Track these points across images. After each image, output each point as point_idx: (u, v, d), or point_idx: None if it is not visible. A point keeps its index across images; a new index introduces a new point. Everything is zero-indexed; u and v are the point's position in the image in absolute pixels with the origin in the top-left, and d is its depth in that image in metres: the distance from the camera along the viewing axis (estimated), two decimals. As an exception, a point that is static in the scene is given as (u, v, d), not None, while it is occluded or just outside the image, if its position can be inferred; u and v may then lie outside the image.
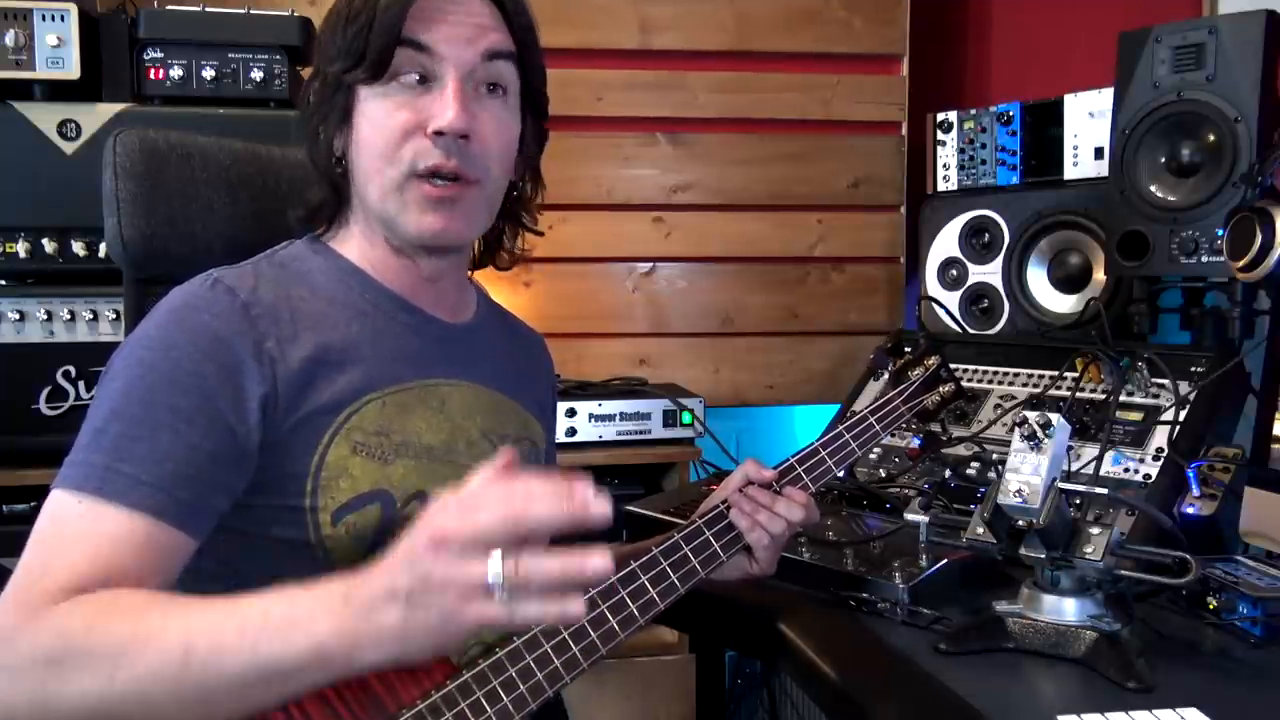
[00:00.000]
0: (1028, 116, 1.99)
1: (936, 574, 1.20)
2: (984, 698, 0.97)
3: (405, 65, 0.97)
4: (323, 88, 1.01)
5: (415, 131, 0.97)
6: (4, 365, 1.74)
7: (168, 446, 0.87)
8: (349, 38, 0.97)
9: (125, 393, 0.89)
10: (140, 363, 0.90)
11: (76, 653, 0.75)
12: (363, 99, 0.99)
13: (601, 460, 2.05)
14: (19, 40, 1.72)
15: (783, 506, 1.10)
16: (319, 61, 1.02)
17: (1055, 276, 1.91)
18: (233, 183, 1.17)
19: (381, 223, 1.02)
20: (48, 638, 0.77)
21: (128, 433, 0.87)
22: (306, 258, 1.04)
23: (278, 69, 1.84)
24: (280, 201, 1.17)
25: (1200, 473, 1.31)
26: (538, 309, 2.37)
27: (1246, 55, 1.47)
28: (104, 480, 0.85)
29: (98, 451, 0.86)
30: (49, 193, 1.74)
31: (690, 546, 1.06)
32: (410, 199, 0.99)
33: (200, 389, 0.89)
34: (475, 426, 1.06)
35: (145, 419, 0.87)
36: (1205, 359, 1.44)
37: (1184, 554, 1.02)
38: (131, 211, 1.11)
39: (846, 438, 1.18)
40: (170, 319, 0.92)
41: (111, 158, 1.12)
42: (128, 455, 0.86)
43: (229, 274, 0.97)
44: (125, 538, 0.84)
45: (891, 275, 2.53)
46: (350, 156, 1.02)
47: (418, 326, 1.05)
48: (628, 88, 2.38)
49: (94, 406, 0.89)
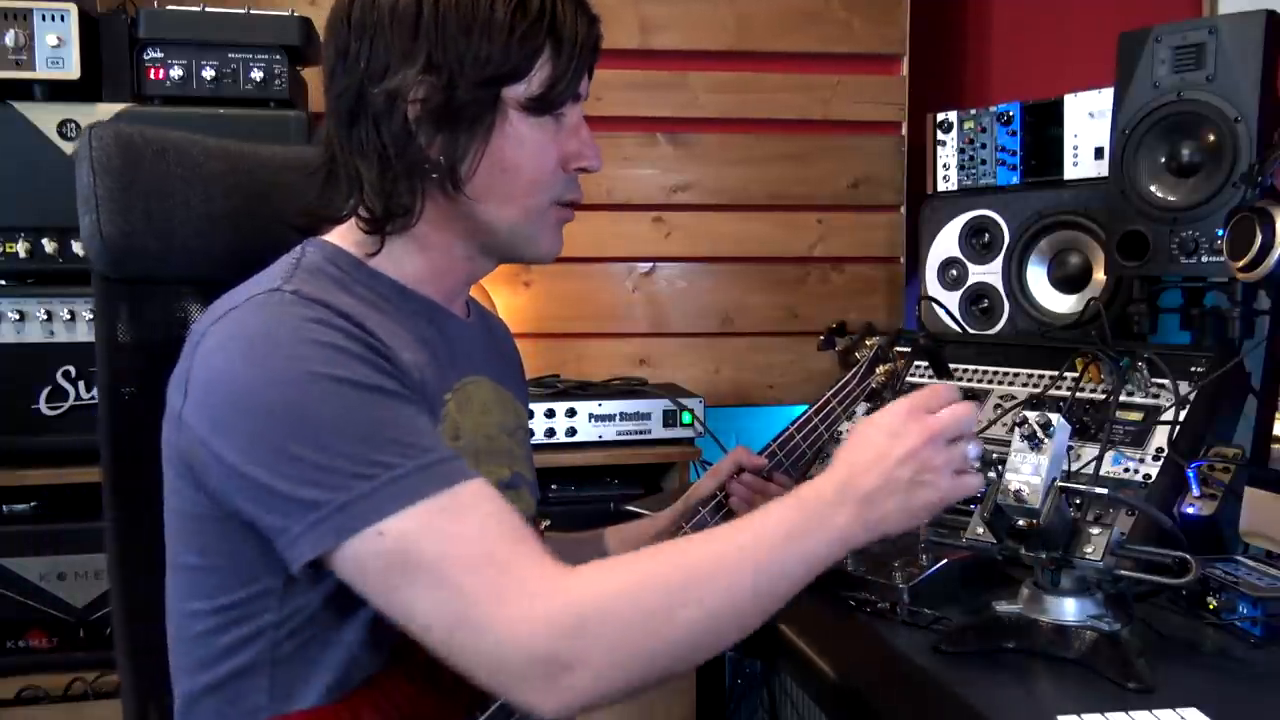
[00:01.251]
0: (1028, 116, 1.99)
1: (936, 574, 1.20)
2: (984, 698, 0.97)
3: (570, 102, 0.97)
4: (452, 94, 0.90)
5: (560, 164, 0.98)
6: (4, 365, 1.74)
7: (423, 423, 0.85)
8: (522, 56, 0.91)
9: (346, 407, 0.82)
10: (315, 377, 0.82)
11: (673, 594, 0.82)
12: (514, 121, 0.94)
13: (601, 460, 2.05)
14: (19, 40, 1.72)
15: (774, 493, 1.19)
16: (444, 61, 0.90)
17: (1055, 276, 1.91)
18: (207, 179, 1.12)
19: (503, 241, 0.99)
20: (636, 592, 0.81)
21: (389, 433, 0.82)
22: (332, 265, 0.96)
23: (278, 69, 1.84)
24: (254, 200, 1.14)
25: (1200, 473, 1.31)
26: (538, 309, 2.37)
27: (1246, 55, 1.47)
28: (436, 473, 0.81)
29: (397, 457, 0.81)
30: (49, 193, 1.74)
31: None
32: (548, 224, 1.00)
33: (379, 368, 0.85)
34: (494, 422, 1.06)
35: (385, 414, 0.83)
36: (1205, 359, 1.44)
37: (1184, 554, 1.02)
38: (110, 208, 1.05)
39: (815, 420, 1.30)
40: (296, 335, 0.84)
41: (88, 152, 1.05)
42: (418, 446, 0.82)
43: (300, 287, 0.88)
44: (496, 496, 0.84)
45: (891, 275, 2.53)
46: (470, 172, 0.93)
47: (447, 326, 1.03)
48: (628, 88, 2.38)
49: (312, 439, 0.80)
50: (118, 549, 1.06)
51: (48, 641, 1.76)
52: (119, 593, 1.06)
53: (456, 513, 0.81)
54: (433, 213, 0.96)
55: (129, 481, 1.05)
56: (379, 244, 0.96)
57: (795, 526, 0.87)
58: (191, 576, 0.91)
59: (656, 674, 0.82)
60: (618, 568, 0.85)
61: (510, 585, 0.79)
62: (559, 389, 2.16)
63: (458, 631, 0.79)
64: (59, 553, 1.74)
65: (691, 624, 0.82)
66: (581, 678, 0.78)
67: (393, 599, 0.81)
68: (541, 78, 0.93)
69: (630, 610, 0.80)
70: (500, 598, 0.78)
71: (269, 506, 0.81)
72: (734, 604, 0.84)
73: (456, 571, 0.79)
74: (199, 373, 0.85)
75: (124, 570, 1.06)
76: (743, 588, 0.84)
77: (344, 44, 0.93)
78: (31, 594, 1.74)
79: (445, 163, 0.93)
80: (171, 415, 0.89)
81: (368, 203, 0.94)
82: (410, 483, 0.80)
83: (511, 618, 0.78)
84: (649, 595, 0.81)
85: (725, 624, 0.84)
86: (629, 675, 0.80)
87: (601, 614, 0.79)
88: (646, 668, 0.81)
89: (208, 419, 0.84)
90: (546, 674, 0.78)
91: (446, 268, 1.01)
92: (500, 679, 0.79)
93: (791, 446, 1.27)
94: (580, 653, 0.78)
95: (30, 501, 1.81)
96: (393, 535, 0.79)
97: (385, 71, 0.91)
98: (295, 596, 0.87)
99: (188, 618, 0.91)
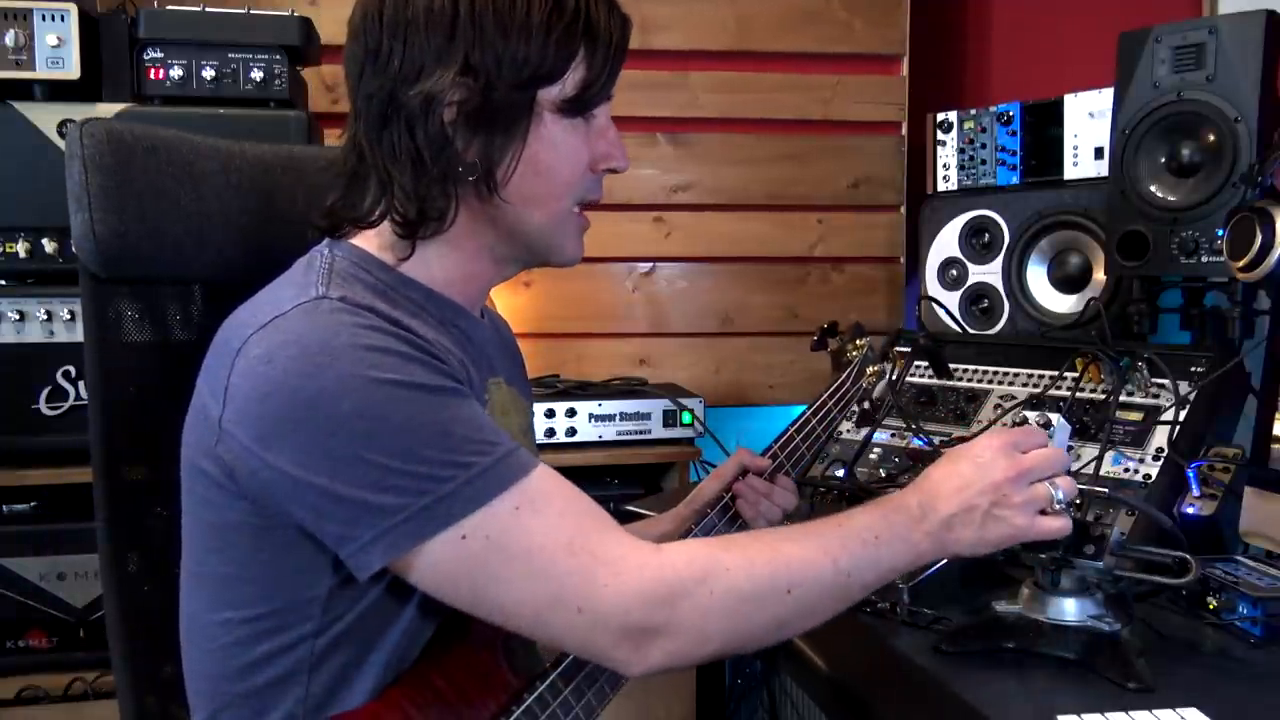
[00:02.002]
0: (1028, 116, 1.99)
1: (936, 574, 1.20)
2: (984, 698, 0.97)
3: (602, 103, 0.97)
4: (489, 96, 0.89)
5: (590, 165, 0.97)
6: (4, 365, 1.74)
7: (485, 417, 0.87)
8: (558, 58, 0.90)
9: (415, 411, 0.82)
10: (379, 383, 0.81)
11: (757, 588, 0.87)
12: (548, 123, 0.92)
13: (601, 460, 2.05)
14: (19, 40, 1.72)
15: (778, 495, 1.20)
16: (481, 63, 0.88)
17: (1055, 276, 1.91)
18: (199, 178, 1.10)
19: (532, 245, 0.98)
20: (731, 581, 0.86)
21: (461, 431, 0.83)
22: (364, 270, 0.94)
23: (278, 69, 1.84)
24: (248, 199, 1.12)
25: (1200, 473, 1.31)
26: (538, 309, 2.37)
27: (1246, 55, 1.47)
28: (509, 466, 0.83)
29: (472, 455, 0.82)
30: (49, 193, 1.72)
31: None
32: (573, 227, 1.00)
33: (436, 369, 0.85)
34: (514, 424, 1.06)
35: (452, 413, 0.83)
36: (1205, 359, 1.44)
37: (1184, 554, 1.01)
38: (104, 206, 1.02)
39: (813, 422, 1.31)
40: (352, 342, 0.82)
41: (79, 150, 1.02)
42: (487, 441, 0.83)
43: (346, 293, 0.87)
44: (565, 481, 0.87)
45: (891, 275, 2.53)
46: (506, 175, 0.92)
47: (471, 330, 1.02)
48: (628, 88, 2.36)
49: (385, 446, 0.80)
50: (110, 550, 1.04)
51: (48, 641, 1.76)
52: (112, 593, 1.05)
53: (535, 503, 0.83)
54: (465, 216, 0.94)
55: (121, 483, 1.04)
56: (410, 249, 0.94)
57: (878, 535, 0.92)
58: (223, 586, 0.89)
59: (726, 653, 0.89)
60: (711, 548, 0.90)
61: (597, 564, 0.83)
62: (559, 389, 2.16)
63: (548, 611, 0.83)
64: (59, 553, 1.74)
65: (774, 615, 0.88)
66: (668, 645, 0.84)
67: (479, 595, 0.83)
68: (576, 79, 0.92)
69: (721, 592, 0.85)
70: (591, 577, 0.82)
71: (332, 515, 0.81)
72: (814, 601, 0.90)
73: (545, 560, 0.82)
74: (243, 382, 0.83)
75: (116, 571, 1.05)
76: (823, 586, 0.89)
77: (375, 43, 0.90)
78: (31, 594, 1.74)
79: (482, 166, 0.91)
80: (205, 424, 0.86)
81: (399, 207, 0.92)
82: (486, 480, 0.82)
83: (603, 596, 0.82)
84: (742, 581, 0.86)
85: (801, 619, 0.91)
86: (705, 651, 0.87)
87: (691, 591, 0.84)
88: (720, 647, 0.87)
89: (257, 428, 0.82)
90: (635, 642, 0.84)
91: (475, 272, 1.00)
92: (591, 649, 0.85)
93: (792, 448, 1.27)
94: (666, 623, 0.83)
95: (30, 501, 1.81)
96: (476, 535, 0.81)
97: (420, 73, 0.88)
98: (337, 605, 0.87)
99: (217, 627, 0.90)
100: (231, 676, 0.89)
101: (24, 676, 1.74)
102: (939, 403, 1.59)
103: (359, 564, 0.82)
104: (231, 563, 0.88)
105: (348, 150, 0.96)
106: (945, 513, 0.93)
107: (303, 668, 0.88)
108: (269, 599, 0.87)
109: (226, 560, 0.89)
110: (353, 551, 0.81)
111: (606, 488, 2.07)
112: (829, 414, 1.34)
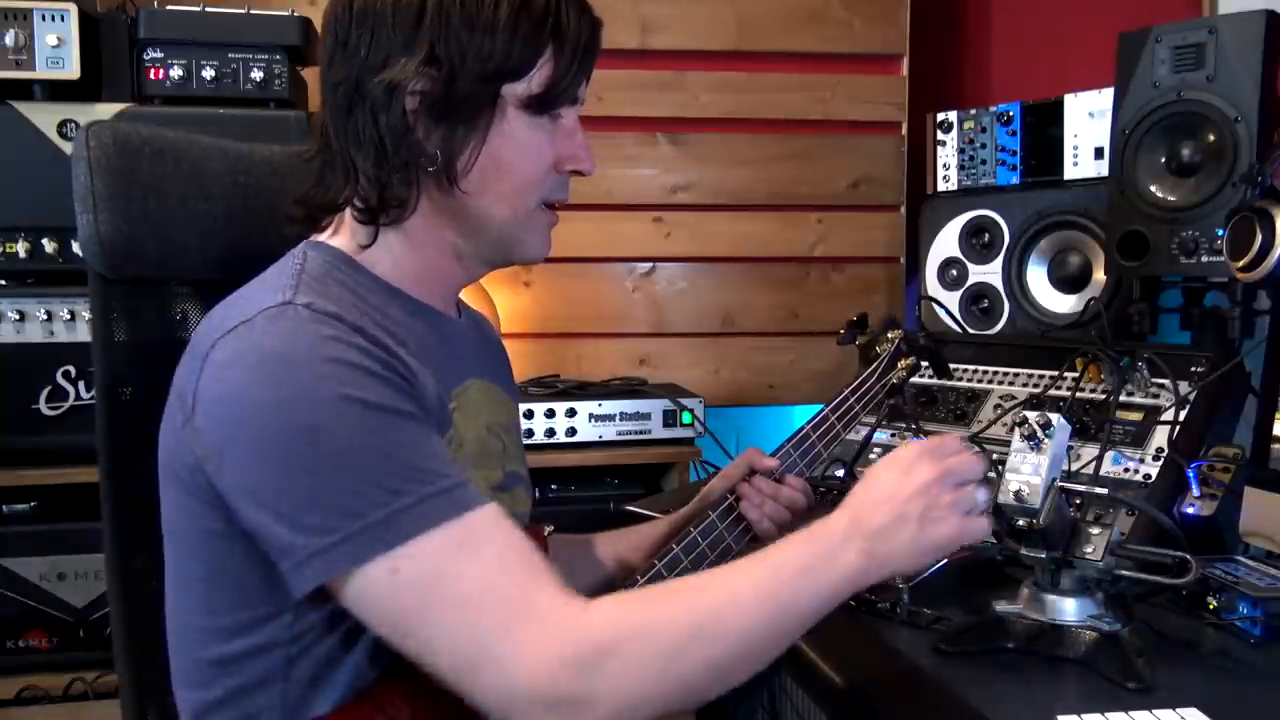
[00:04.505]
0: (1028, 116, 1.99)
1: (936, 574, 1.20)
2: (984, 698, 0.97)
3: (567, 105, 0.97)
4: (452, 87, 0.90)
5: (554, 165, 0.98)
6: (4, 365, 1.74)
7: (436, 445, 0.86)
8: (524, 54, 0.91)
9: (364, 431, 0.81)
10: (332, 399, 0.80)
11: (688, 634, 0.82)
12: (511, 119, 0.93)
13: (601, 460, 2.05)
14: (19, 40, 1.72)
15: (786, 496, 1.16)
16: (446, 54, 0.89)
17: (1055, 276, 1.91)
18: (205, 179, 1.11)
19: (495, 241, 0.99)
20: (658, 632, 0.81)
21: (405, 457, 0.81)
22: (337, 270, 0.95)
23: (278, 69, 1.84)
24: (252, 200, 1.13)
25: (1200, 473, 1.31)
26: (538, 309, 2.38)
27: (1246, 55, 1.47)
28: (449, 500, 0.81)
29: (411, 483, 0.80)
30: (49, 193, 1.74)
31: (706, 542, 1.08)
32: (537, 226, 0.99)
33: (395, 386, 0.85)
34: (485, 423, 1.06)
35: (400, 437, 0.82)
36: (1205, 359, 1.44)
37: (1184, 554, 1.01)
38: (110, 208, 1.03)
39: (832, 419, 1.24)
40: (312, 354, 0.82)
41: (85, 151, 1.03)
42: (431, 471, 0.82)
43: (312, 300, 0.86)
44: (507, 523, 0.84)
45: (891, 275, 2.53)
46: (466, 167, 0.93)
47: (445, 329, 1.02)
48: (628, 88, 2.38)
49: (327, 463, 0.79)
50: (115, 550, 1.05)
51: (48, 641, 1.76)
52: (116, 594, 1.05)
53: (470, 545, 0.81)
54: (427, 207, 0.95)
55: (126, 482, 1.05)
56: (372, 236, 0.95)
57: (808, 563, 0.87)
58: (200, 592, 0.90)
59: (669, 710, 0.82)
60: (634, 604, 0.85)
61: (525, 622, 0.79)
62: (559, 389, 2.16)
63: (469, 667, 0.79)
64: (59, 553, 1.74)
65: (707, 662, 0.82)
66: (592, 716, 0.78)
67: (403, 632, 0.81)
68: (541, 77, 0.93)
69: (645, 649, 0.80)
70: (514, 635, 0.79)
71: (275, 528, 0.80)
72: (748, 642, 0.84)
73: (471, 608, 0.79)
74: (209, 386, 0.83)
75: (122, 571, 1.05)
76: (757, 625, 0.84)
77: (344, 33, 0.92)
78: (31, 594, 1.74)
79: (442, 156, 0.92)
80: (174, 428, 0.87)
81: (362, 193, 0.93)
82: (421, 511, 0.80)
83: (524, 657, 0.78)
84: (665, 635, 0.81)
85: (739, 662, 0.85)
86: (642, 713, 0.81)
87: (615, 653, 0.79)
88: (660, 705, 0.81)
89: (218, 434, 0.82)
90: (558, 714, 0.78)
91: (440, 268, 1.00)
92: (511, 715, 0.79)
93: (807, 446, 1.22)
94: (593, 692, 0.78)
95: (30, 501, 1.81)
96: (405, 569, 0.79)
97: (385, 62, 0.90)
98: (309, 614, 0.86)
99: (197, 632, 0.90)
100: (210, 681, 0.90)
101: (24, 676, 1.74)
102: (939, 403, 1.59)
103: (294, 581, 0.81)
104: (206, 569, 0.88)
105: (316, 138, 0.98)
106: (876, 524, 0.89)
107: (277, 674, 0.87)
108: (242, 606, 0.87)
109: (202, 567, 0.89)
110: (289, 568, 0.80)
111: (606, 488, 2.07)
112: (851, 410, 1.28)
